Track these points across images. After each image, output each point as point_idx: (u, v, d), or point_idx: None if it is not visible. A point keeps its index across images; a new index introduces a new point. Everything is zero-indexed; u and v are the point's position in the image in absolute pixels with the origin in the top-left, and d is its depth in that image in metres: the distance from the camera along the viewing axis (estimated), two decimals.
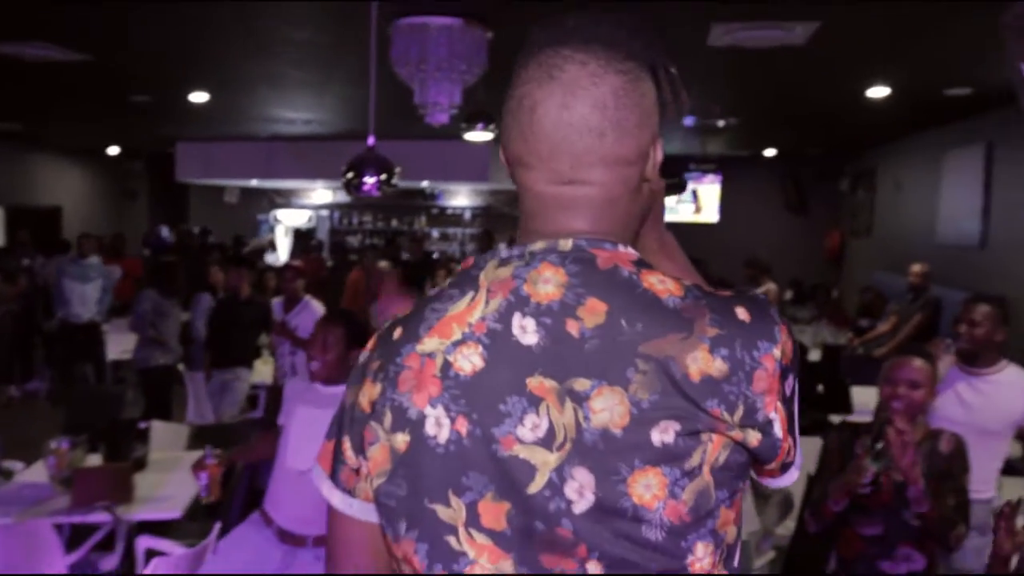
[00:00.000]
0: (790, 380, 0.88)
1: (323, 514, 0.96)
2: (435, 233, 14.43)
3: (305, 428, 2.84)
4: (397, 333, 0.93)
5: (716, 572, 0.85)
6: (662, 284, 0.86)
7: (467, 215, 14.57)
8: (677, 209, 13.30)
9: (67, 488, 3.52)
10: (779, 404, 0.85)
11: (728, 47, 4.85)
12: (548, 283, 0.86)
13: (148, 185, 15.70)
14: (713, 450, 0.83)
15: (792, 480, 0.94)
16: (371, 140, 3.67)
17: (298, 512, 2.80)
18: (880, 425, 2.56)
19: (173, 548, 3.13)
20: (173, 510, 3.48)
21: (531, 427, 0.83)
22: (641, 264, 0.89)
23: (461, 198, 14.60)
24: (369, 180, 3.51)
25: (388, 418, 0.89)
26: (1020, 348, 6.29)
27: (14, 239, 10.09)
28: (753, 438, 0.84)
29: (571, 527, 0.82)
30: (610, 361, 0.82)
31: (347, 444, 0.94)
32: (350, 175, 3.52)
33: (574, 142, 0.89)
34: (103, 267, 8.13)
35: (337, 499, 0.95)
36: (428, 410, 0.86)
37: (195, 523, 3.72)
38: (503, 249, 0.92)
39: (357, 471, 0.93)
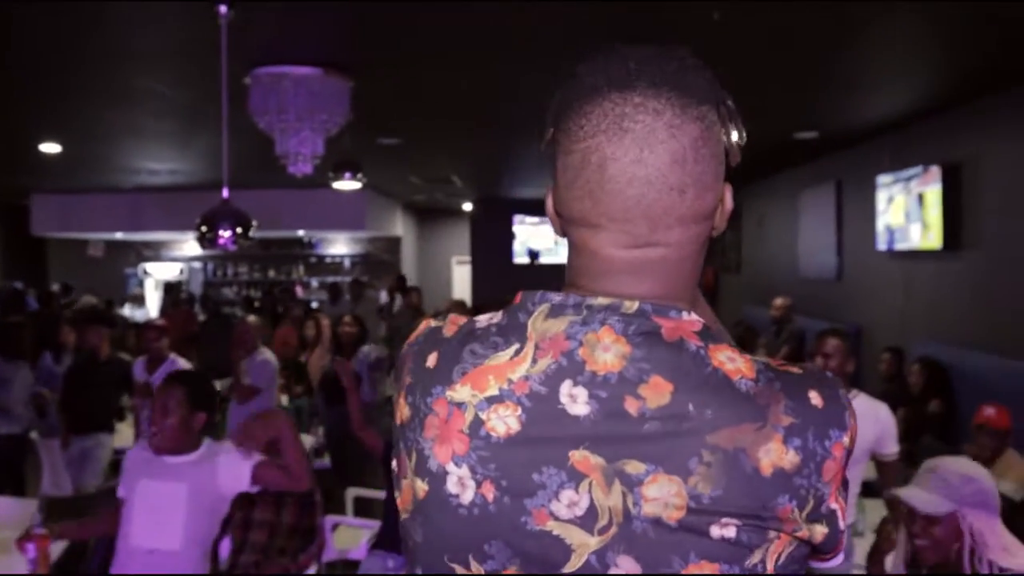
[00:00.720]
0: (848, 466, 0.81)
1: None
2: (314, 282, 14.16)
3: (149, 503, 2.66)
4: (432, 361, 0.85)
5: None
6: (732, 363, 0.77)
7: (346, 263, 14.38)
8: (558, 251, 13.53)
9: None
10: (840, 492, 0.78)
11: None
12: (608, 351, 0.77)
13: (1, 239, 14.80)
14: (777, 548, 0.75)
15: (839, 563, 0.85)
16: (225, 192, 3.55)
17: None
18: None
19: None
20: None
21: (568, 503, 0.75)
22: (707, 336, 0.80)
23: (340, 246, 14.41)
24: (224, 233, 3.38)
25: (414, 458, 0.83)
26: (874, 371, 6.67)
27: None
28: (819, 533, 0.77)
29: None
30: (671, 448, 0.74)
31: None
32: (204, 228, 3.39)
33: (653, 202, 0.80)
34: None
35: None
36: (451, 467, 0.79)
37: None
38: (555, 294, 0.82)
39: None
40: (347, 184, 5.73)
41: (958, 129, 5.84)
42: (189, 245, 14.34)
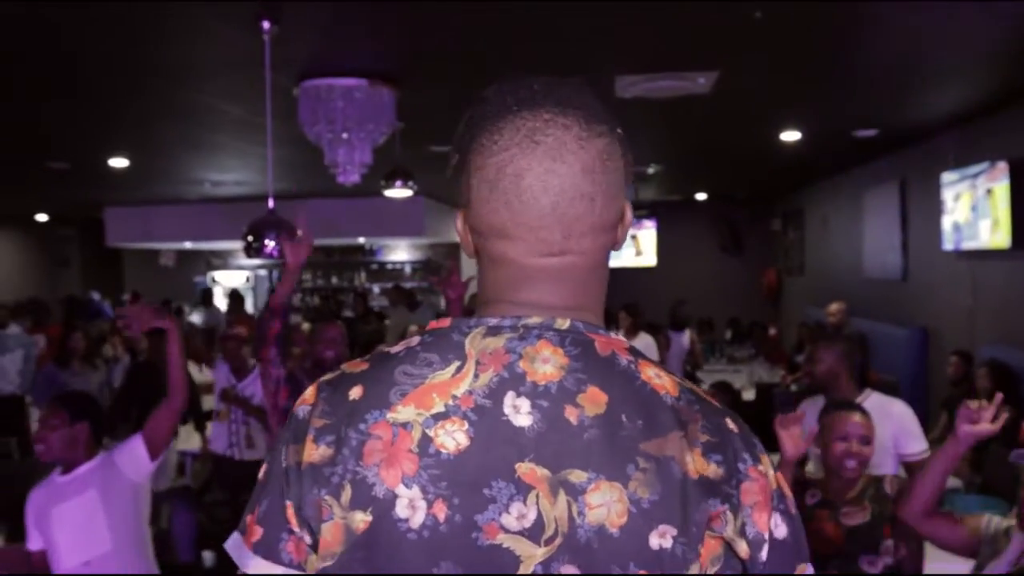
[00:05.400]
0: (779, 510, 0.83)
1: None
2: (376, 289, 14.34)
3: (68, 523, 2.69)
4: (356, 393, 0.84)
5: None
6: (659, 379, 0.83)
7: (407, 269, 14.53)
8: (619, 253, 13.42)
9: None
10: (773, 525, 0.81)
11: (636, 98, 4.93)
12: (547, 363, 0.81)
13: (80, 251, 15.39)
14: (709, 553, 0.78)
15: None
16: (271, 202, 3.63)
17: None
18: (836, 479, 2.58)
19: None
20: None
21: (517, 516, 0.77)
22: (636, 353, 0.85)
23: (400, 252, 14.57)
24: (270, 243, 3.46)
25: (347, 493, 0.80)
26: (941, 374, 6.44)
27: None
28: (743, 551, 0.80)
29: None
30: (611, 455, 0.78)
31: (291, 511, 0.83)
32: (250, 239, 3.47)
33: (566, 210, 0.85)
34: (24, 337, 7.89)
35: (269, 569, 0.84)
36: (401, 489, 0.79)
37: None
38: (489, 317, 0.85)
39: (299, 542, 0.83)
40: (399, 192, 5.78)
41: None
42: None
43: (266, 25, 3.39)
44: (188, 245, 13.28)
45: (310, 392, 0.88)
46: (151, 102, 5.25)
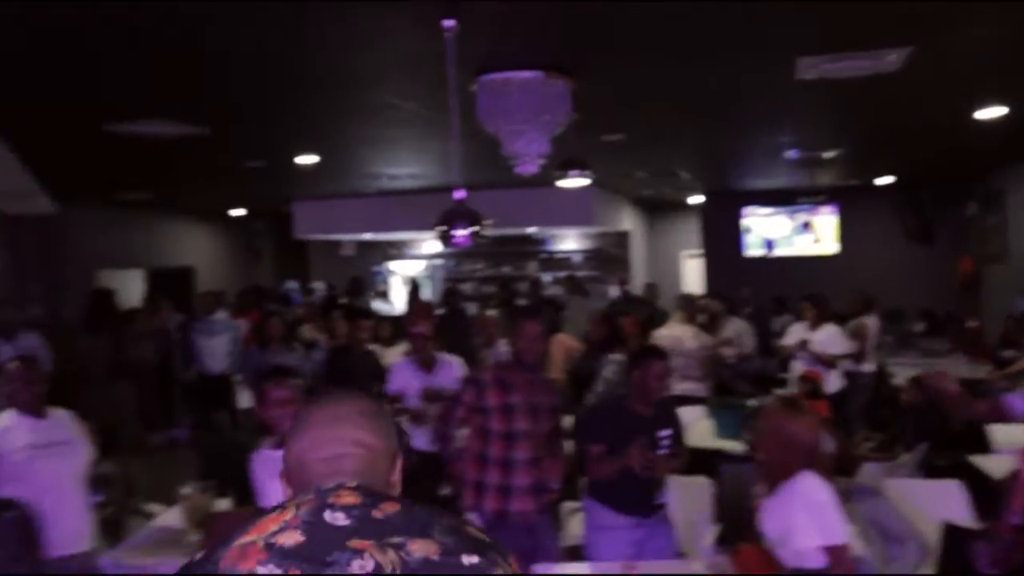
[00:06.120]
0: None
1: None
2: (547, 277, 14.50)
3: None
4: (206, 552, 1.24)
5: None
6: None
7: (576, 258, 14.60)
8: (793, 241, 12.95)
9: (200, 530, 3.72)
10: None
11: (818, 79, 4.72)
12: (349, 496, 1.22)
13: (271, 243, 16.50)
14: None
15: None
16: (460, 193, 3.77)
17: None
18: None
19: None
20: None
21: (359, 567, 1.12)
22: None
23: (570, 242, 14.65)
24: (460, 232, 3.61)
25: None
26: None
27: (153, 301, 10.73)
28: None
29: None
30: (415, 527, 1.19)
31: None
32: (442, 228, 3.65)
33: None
34: (229, 322, 8.58)
35: None
36: (258, 569, 1.13)
37: None
38: (288, 501, 1.26)
39: None
40: (574, 181, 5.83)
41: None
42: (429, 244, 15.22)
43: (448, 23, 3.51)
44: (367, 236, 13.93)
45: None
46: (338, 103, 5.56)
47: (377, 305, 12.20)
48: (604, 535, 3.57)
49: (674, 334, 6.86)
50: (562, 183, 5.92)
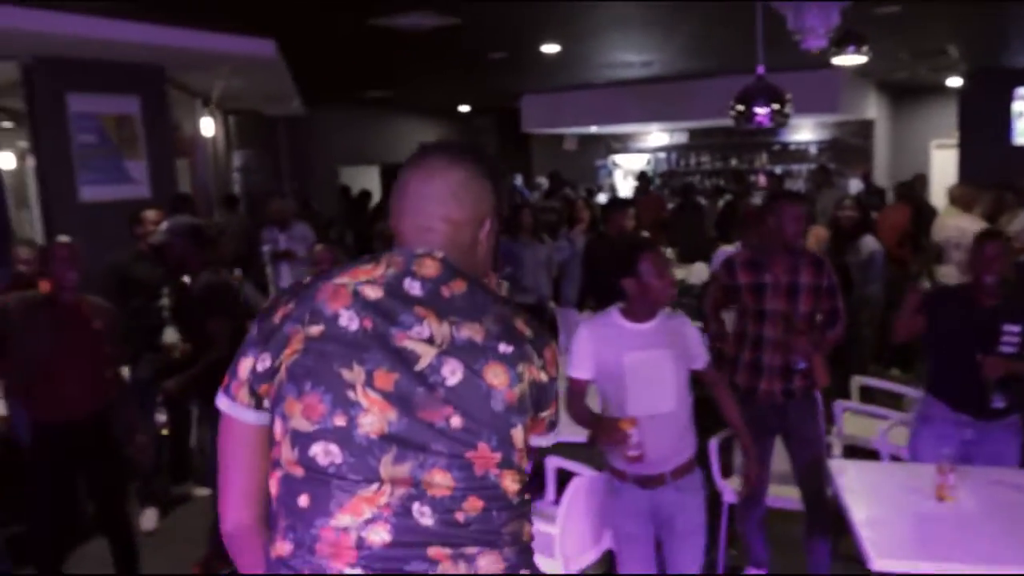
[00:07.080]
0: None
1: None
2: (778, 170, 13.75)
3: (643, 373, 2.81)
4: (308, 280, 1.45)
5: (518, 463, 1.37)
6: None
7: (812, 150, 13.71)
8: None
9: None
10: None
11: None
12: (431, 267, 1.39)
13: (495, 138, 16.73)
14: (529, 373, 1.36)
15: (551, 442, 1.47)
16: (760, 69, 3.51)
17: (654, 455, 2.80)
18: None
19: (583, 469, 3.26)
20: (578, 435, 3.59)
21: (417, 332, 1.32)
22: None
23: (805, 132, 13.75)
24: (760, 111, 3.36)
25: (307, 316, 1.35)
26: None
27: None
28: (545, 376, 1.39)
29: (443, 394, 1.30)
30: (471, 309, 1.36)
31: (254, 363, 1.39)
32: (740, 107, 3.40)
33: (428, 204, 1.46)
34: None
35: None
36: (342, 311, 1.33)
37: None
38: (385, 254, 1.43)
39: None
40: (850, 59, 5.34)
41: None
42: (654, 136, 14.82)
43: None
44: (593, 129, 13.76)
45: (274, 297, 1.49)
46: None
47: (603, 197, 12.09)
48: (926, 428, 3.35)
49: (960, 225, 6.13)
50: (837, 60, 5.44)
